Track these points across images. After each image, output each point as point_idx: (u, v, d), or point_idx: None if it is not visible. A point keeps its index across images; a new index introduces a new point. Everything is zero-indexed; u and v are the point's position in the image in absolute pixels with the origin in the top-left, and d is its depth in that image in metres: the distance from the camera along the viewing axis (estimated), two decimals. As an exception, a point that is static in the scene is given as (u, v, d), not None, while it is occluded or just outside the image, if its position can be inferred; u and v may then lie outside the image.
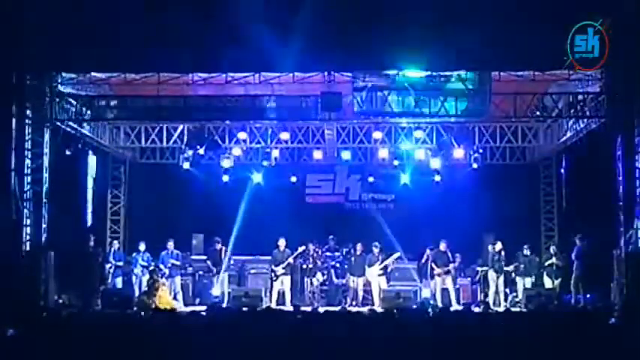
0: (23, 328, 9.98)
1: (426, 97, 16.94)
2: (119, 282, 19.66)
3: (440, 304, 18.47)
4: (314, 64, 16.40)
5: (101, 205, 21.44)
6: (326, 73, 16.96)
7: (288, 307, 17.71)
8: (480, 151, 20.08)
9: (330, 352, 8.81)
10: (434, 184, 20.94)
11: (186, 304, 18.95)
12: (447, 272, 19.42)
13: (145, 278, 19.43)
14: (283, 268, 19.13)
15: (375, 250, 19.42)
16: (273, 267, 19.22)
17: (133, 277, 19.61)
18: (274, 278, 19.18)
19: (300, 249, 19.42)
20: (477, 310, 17.46)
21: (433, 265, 19.40)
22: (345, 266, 19.95)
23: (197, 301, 19.40)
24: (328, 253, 20.28)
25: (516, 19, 15.46)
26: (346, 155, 20.57)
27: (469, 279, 20.14)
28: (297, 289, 20.05)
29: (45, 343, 9.14)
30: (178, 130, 20.02)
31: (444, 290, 19.40)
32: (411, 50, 15.83)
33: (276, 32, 15.46)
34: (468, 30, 15.35)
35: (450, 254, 19.49)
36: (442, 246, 19.55)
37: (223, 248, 19.58)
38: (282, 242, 19.40)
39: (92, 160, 20.50)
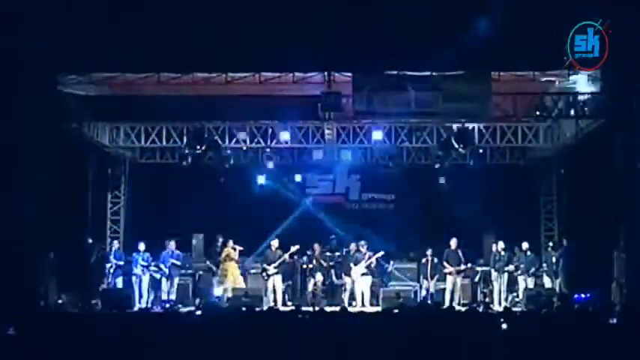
0: (23, 328, 9.98)
1: (426, 97, 16.95)
2: (119, 282, 19.66)
3: (447, 304, 18.48)
4: (314, 64, 16.41)
5: (101, 205, 21.43)
6: (326, 73, 16.98)
7: (288, 307, 17.75)
8: (480, 151, 20.08)
9: (330, 352, 8.82)
10: (434, 183, 20.93)
11: (185, 305, 18.95)
12: (459, 272, 19.37)
13: (146, 278, 19.46)
14: (275, 268, 19.15)
15: (362, 249, 19.40)
16: (264, 266, 19.25)
17: (133, 277, 19.60)
18: (266, 277, 19.21)
19: (294, 248, 19.42)
20: (477, 310, 17.45)
21: (445, 264, 19.37)
22: (337, 264, 19.99)
23: (197, 301, 19.38)
24: (328, 253, 20.29)
25: (516, 19, 15.46)
26: (346, 155, 20.55)
27: (469, 279, 20.12)
28: (297, 289, 20.08)
29: (45, 343, 9.14)
30: (178, 130, 20.01)
31: (446, 290, 19.37)
32: (411, 50, 15.83)
33: (277, 32, 15.47)
34: (468, 30, 15.36)
35: (461, 253, 19.46)
36: (453, 244, 19.50)
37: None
38: (275, 242, 19.45)
39: (92, 160, 20.50)
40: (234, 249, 19.57)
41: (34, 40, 15.93)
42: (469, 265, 19.56)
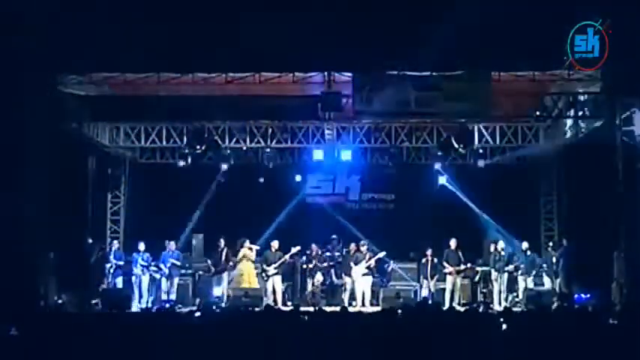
0: (23, 328, 9.97)
1: (426, 97, 16.95)
2: (119, 282, 19.66)
3: (447, 304, 18.48)
4: (314, 64, 16.41)
5: (101, 205, 21.44)
6: (326, 73, 16.99)
7: (287, 307, 17.75)
8: (480, 151, 20.08)
9: (330, 352, 8.81)
10: (434, 183, 20.93)
11: (185, 305, 18.95)
12: (459, 272, 19.36)
13: (146, 278, 19.45)
14: (275, 268, 19.16)
15: (363, 249, 19.39)
16: (264, 267, 19.24)
17: (133, 277, 19.60)
18: (265, 278, 19.22)
19: (294, 249, 19.42)
20: (477, 310, 17.44)
21: (445, 264, 19.36)
22: (337, 264, 20.00)
23: (197, 301, 19.38)
24: (328, 253, 20.29)
25: (516, 19, 15.46)
26: (346, 155, 20.56)
27: (469, 279, 20.11)
28: (297, 289, 20.08)
29: (45, 343, 9.13)
30: (178, 130, 20.01)
31: (446, 290, 19.37)
32: (411, 50, 15.84)
33: (277, 32, 15.48)
34: (468, 30, 15.36)
35: (460, 253, 19.45)
36: (452, 244, 19.49)
37: (225, 249, 19.64)
38: (275, 243, 19.44)
39: (92, 160, 20.51)
40: (251, 249, 19.49)
41: (34, 40, 15.93)
42: (469, 265, 19.56)
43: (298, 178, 22.05)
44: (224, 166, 20.28)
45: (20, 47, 15.86)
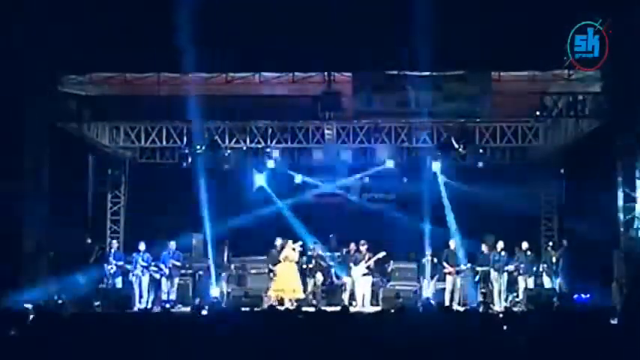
0: (23, 328, 9.98)
1: (426, 97, 16.95)
2: (119, 282, 19.65)
3: (447, 304, 18.47)
4: (314, 64, 16.42)
5: (101, 205, 21.43)
6: (326, 73, 16.99)
7: (288, 307, 17.78)
8: (480, 151, 20.09)
9: (330, 352, 8.81)
10: (434, 183, 20.92)
11: (185, 305, 18.95)
12: (459, 272, 19.37)
13: (145, 278, 19.44)
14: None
15: (362, 249, 19.38)
16: (270, 266, 19.22)
17: (133, 278, 19.59)
18: (273, 277, 19.20)
19: (298, 249, 19.42)
20: (477, 310, 17.44)
21: (445, 264, 19.37)
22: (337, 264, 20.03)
23: (197, 301, 19.37)
24: (328, 253, 20.28)
25: (516, 19, 15.46)
26: (346, 155, 20.54)
27: (469, 279, 20.10)
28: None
29: (45, 343, 9.13)
30: (178, 130, 20.01)
31: (446, 290, 19.36)
32: (411, 50, 15.85)
33: (276, 32, 15.48)
34: (468, 30, 15.37)
35: (460, 253, 19.45)
36: (452, 244, 19.51)
37: (227, 249, 19.69)
38: (278, 242, 19.44)
39: (92, 160, 20.51)
40: (294, 249, 19.42)
41: (34, 40, 15.94)
42: (469, 265, 19.56)
43: (298, 178, 22.03)
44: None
45: (20, 47, 15.86)
